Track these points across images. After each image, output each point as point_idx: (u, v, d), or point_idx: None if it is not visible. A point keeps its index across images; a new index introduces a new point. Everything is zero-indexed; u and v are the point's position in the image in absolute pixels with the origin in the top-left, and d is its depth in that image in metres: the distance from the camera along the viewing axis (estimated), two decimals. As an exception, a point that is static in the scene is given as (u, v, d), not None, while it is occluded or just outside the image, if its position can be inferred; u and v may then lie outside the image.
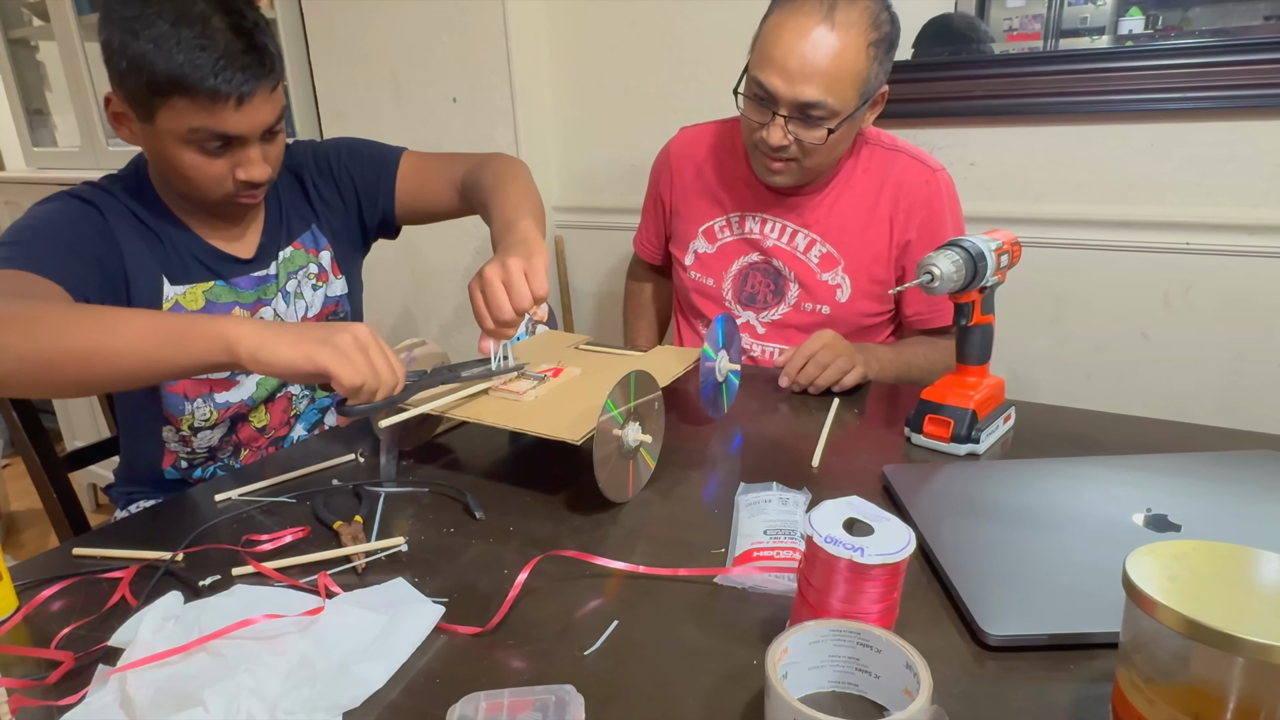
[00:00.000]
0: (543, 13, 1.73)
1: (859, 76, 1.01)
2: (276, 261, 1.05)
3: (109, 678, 0.52)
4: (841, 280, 1.17)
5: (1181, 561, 0.44)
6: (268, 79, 0.86)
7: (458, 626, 0.58)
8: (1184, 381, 1.36)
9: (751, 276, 1.23)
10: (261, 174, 0.91)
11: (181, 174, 0.89)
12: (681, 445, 0.89)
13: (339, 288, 1.12)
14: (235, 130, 0.86)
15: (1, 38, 2.29)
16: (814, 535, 0.51)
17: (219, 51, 0.81)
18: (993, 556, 0.63)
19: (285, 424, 1.09)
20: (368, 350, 0.71)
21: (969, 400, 0.85)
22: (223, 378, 1.00)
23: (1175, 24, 1.29)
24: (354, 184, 1.11)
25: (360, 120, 1.92)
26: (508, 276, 0.77)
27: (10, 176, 2.44)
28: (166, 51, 0.80)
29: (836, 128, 1.03)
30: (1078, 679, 0.52)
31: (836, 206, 1.17)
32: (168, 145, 0.87)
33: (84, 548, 0.72)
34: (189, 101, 0.82)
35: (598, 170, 1.82)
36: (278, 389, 1.05)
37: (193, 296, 0.97)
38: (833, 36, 0.99)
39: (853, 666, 0.49)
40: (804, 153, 1.07)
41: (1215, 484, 0.72)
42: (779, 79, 1.01)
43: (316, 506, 0.77)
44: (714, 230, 1.24)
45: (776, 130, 1.04)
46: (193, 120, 0.84)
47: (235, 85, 0.82)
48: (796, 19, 1.00)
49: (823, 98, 1.00)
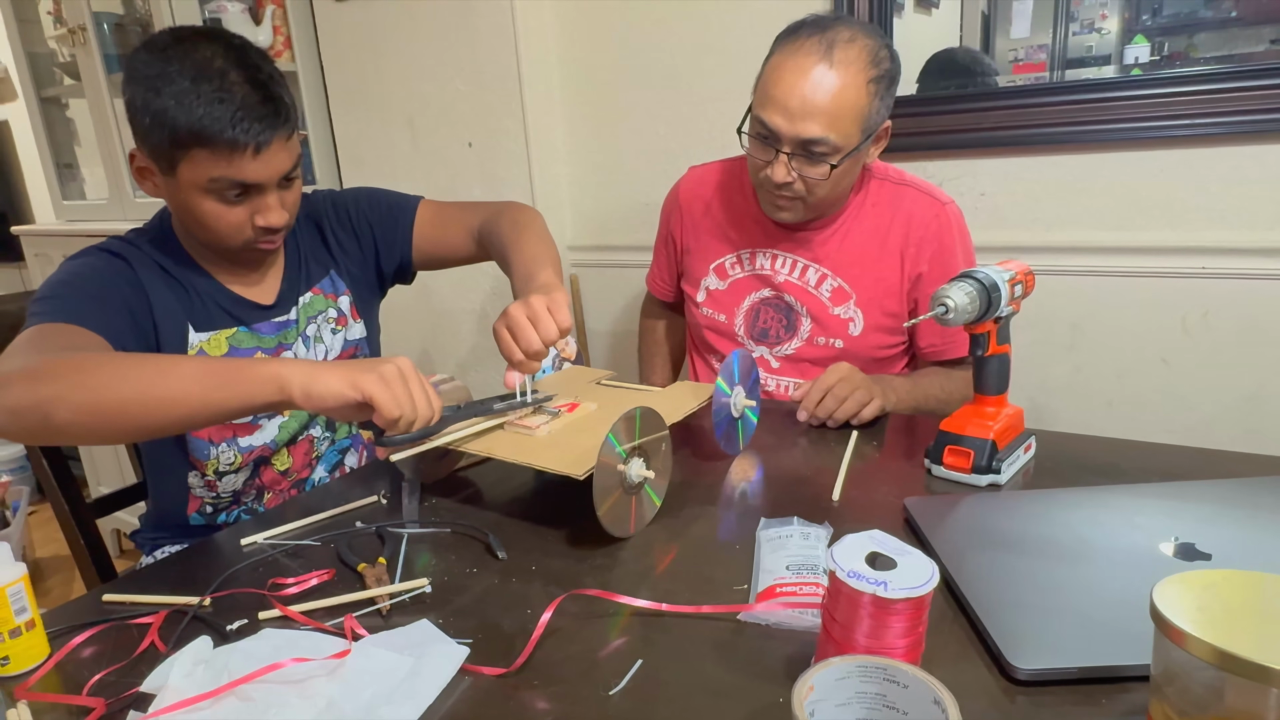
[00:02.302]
0: (555, 57, 1.78)
1: (860, 112, 1.03)
2: (297, 307, 1.07)
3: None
4: (854, 314, 1.18)
5: (1210, 591, 0.44)
6: (283, 128, 0.89)
7: (482, 668, 0.59)
8: (1207, 407, 1.34)
9: (764, 312, 1.24)
10: (279, 220, 0.93)
11: (203, 223, 0.92)
12: (700, 480, 0.89)
13: (358, 331, 1.14)
14: (253, 178, 0.88)
15: (35, 96, 2.38)
16: (837, 570, 0.51)
17: (236, 104, 0.84)
18: (1018, 588, 0.62)
19: (307, 465, 1.10)
20: (409, 381, 0.74)
21: (988, 430, 0.84)
22: (245, 422, 1.01)
23: (1181, 51, 1.30)
24: (372, 232, 1.14)
25: (378, 166, 1.97)
26: (533, 312, 0.80)
27: (41, 229, 2.50)
28: (187, 106, 0.83)
29: (839, 163, 1.05)
30: (1110, 713, 0.51)
31: (846, 241, 1.18)
32: (189, 196, 0.89)
33: (113, 594, 0.73)
34: (209, 153, 0.85)
35: (611, 210, 1.85)
36: (299, 432, 1.07)
37: (216, 342, 0.99)
38: (832, 74, 1.01)
39: (880, 703, 0.49)
40: (809, 189, 1.08)
41: (1244, 511, 0.71)
42: (780, 117, 1.03)
43: (341, 549, 0.78)
44: (725, 267, 1.26)
45: (780, 168, 1.06)
46: (213, 170, 0.87)
47: (253, 135, 0.85)
48: (796, 59, 1.02)
49: (825, 134, 1.02)
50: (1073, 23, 1.36)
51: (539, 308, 0.81)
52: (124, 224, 2.05)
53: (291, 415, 1.06)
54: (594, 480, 0.71)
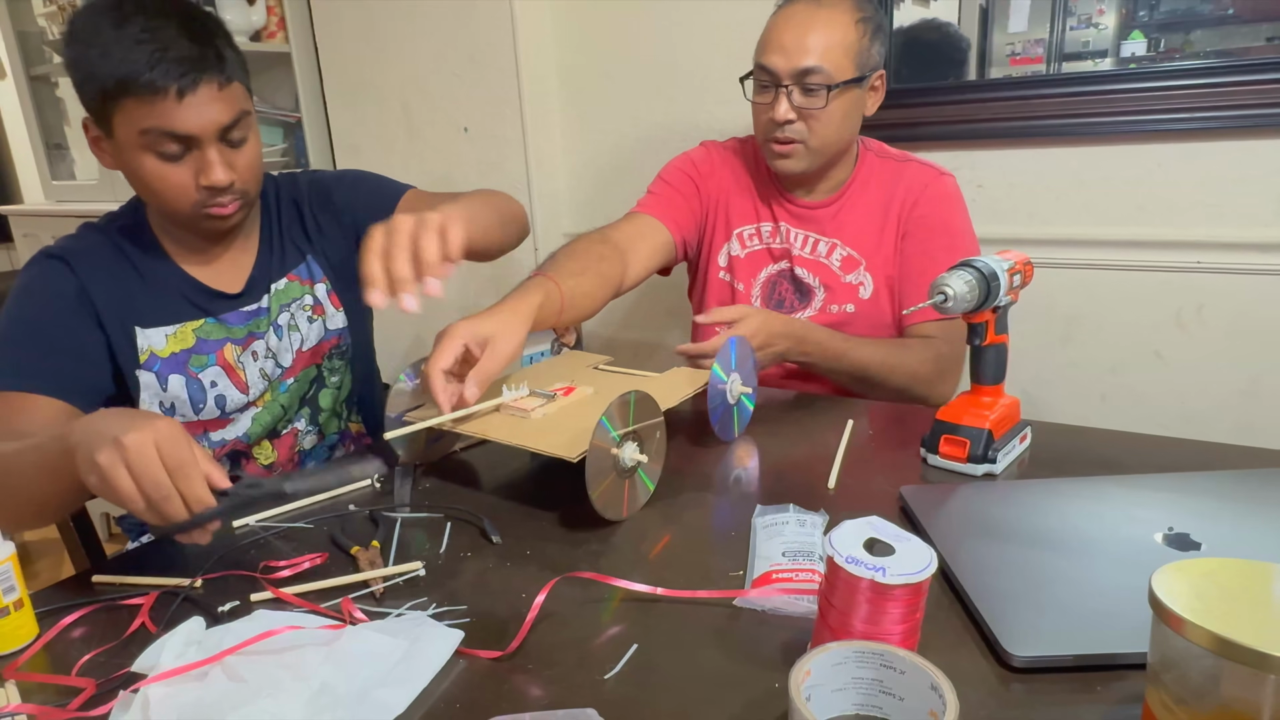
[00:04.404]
0: (553, 43, 1.77)
1: (850, 47, 1.10)
2: (268, 294, 1.03)
3: (130, 696, 0.52)
4: (864, 278, 1.21)
5: (1209, 579, 0.44)
6: (212, 73, 0.84)
7: (477, 651, 0.58)
8: (1200, 400, 1.35)
9: (780, 284, 1.27)
10: (222, 178, 0.88)
11: (149, 186, 0.88)
12: (696, 467, 0.89)
13: (339, 321, 1.09)
14: (183, 128, 0.84)
15: (24, 75, 2.35)
16: (835, 555, 0.51)
17: (155, 44, 0.81)
18: (1014, 577, 0.62)
19: (291, 460, 1.08)
20: (162, 459, 0.59)
21: (985, 420, 0.84)
22: (214, 418, 0.99)
23: (1178, 46, 1.30)
24: (354, 215, 1.09)
25: (374, 153, 1.95)
26: (419, 227, 0.73)
27: (29, 210, 2.48)
28: (109, 54, 0.81)
29: (834, 89, 1.10)
30: (1106, 700, 0.51)
31: (853, 213, 1.22)
32: (130, 156, 0.86)
33: (103, 575, 0.72)
34: (134, 101, 0.82)
35: (607, 196, 1.84)
36: (276, 425, 1.05)
37: (182, 335, 0.97)
38: (822, 13, 1.10)
39: (876, 689, 0.49)
40: (810, 129, 1.13)
41: (1236, 503, 0.72)
42: (778, 56, 1.11)
43: (334, 532, 0.77)
44: (744, 237, 1.28)
45: (782, 103, 1.11)
46: (141, 121, 0.83)
47: (173, 77, 0.81)
48: (788, 10, 1.13)
49: (819, 63, 1.09)
50: (1070, 17, 1.36)
51: (432, 223, 0.72)
52: (114, 205, 2.03)
53: (264, 408, 1.03)
54: (587, 463, 0.71)
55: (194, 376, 0.97)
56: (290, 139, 2.13)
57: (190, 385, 0.97)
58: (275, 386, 1.04)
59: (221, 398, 0.99)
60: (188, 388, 0.97)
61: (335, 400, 1.12)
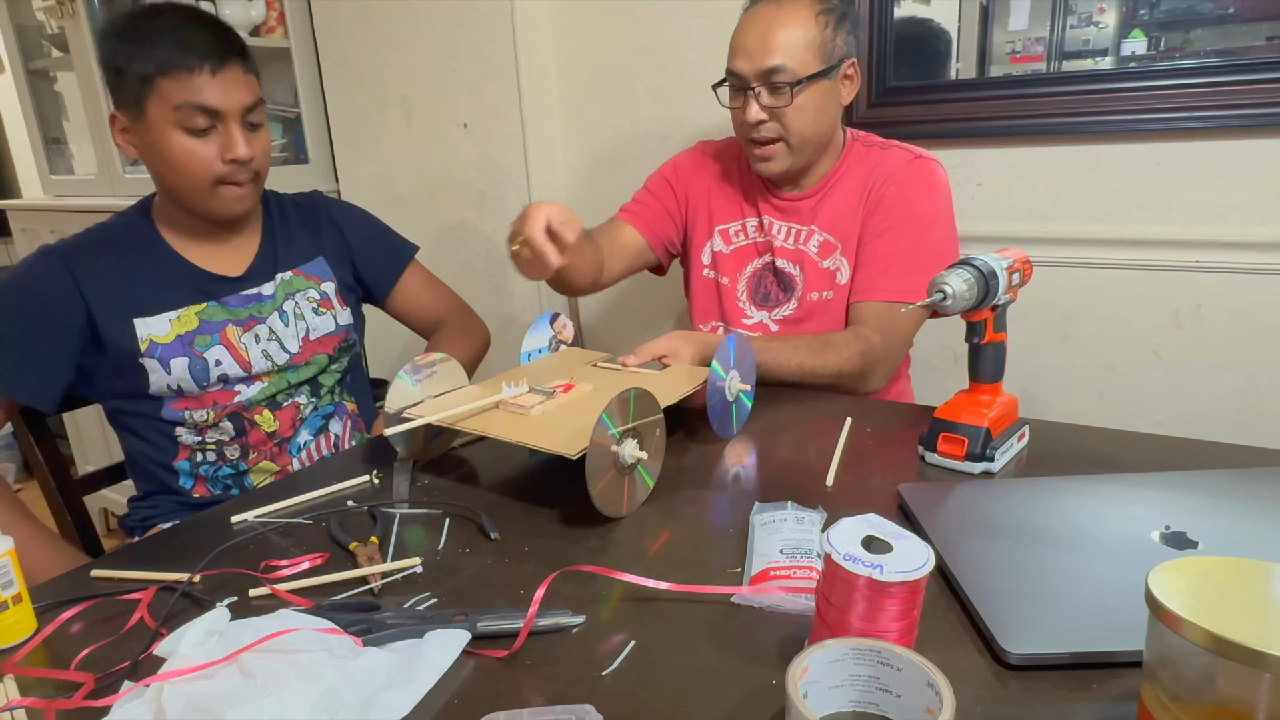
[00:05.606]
0: (552, 39, 1.76)
1: (811, 40, 1.11)
2: (274, 283, 1.11)
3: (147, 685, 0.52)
4: (840, 263, 1.21)
5: (1205, 578, 0.44)
6: (238, 57, 0.99)
7: (482, 651, 0.58)
8: (1197, 399, 1.35)
9: (765, 278, 1.28)
10: (246, 152, 0.99)
11: (174, 162, 0.98)
12: (695, 464, 0.89)
13: (346, 318, 1.18)
14: (213, 102, 0.96)
15: (22, 69, 2.34)
16: (833, 552, 0.51)
17: (190, 32, 0.96)
18: (1011, 575, 0.63)
19: (291, 428, 1.13)
20: None
21: (983, 418, 0.85)
22: (219, 389, 1.06)
23: (1178, 45, 1.30)
24: (364, 251, 1.23)
25: (371, 147, 1.95)
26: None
27: (28, 204, 2.47)
28: (148, 40, 0.95)
29: (797, 85, 1.11)
30: (1101, 698, 0.51)
31: (833, 200, 1.22)
32: (161, 136, 0.97)
33: (102, 569, 0.72)
34: (170, 80, 0.95)
35: (606, 193, 1.83)
36: (278, 394, 1.11)
37: (186, 319, 1.04)
38: (781, 12, 1.12)
39: (873, 686, 0.49)
40: (785, 127, 1.14)
41: (1233, 501, 0.72)
42: (742, 59, 1.13)
43: (332, 528, 0.77)
44: (729, 233, 1.29)
45: (752, 106, 1.13)
46: (175, 96, 0.95)
47: (207, 56, 0.95)
48: (751, 13, 1.15)
49: (782, 61, 1.10)
50: (1070, 16, 1.36)
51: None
52: (113, 200, 2.03)
53: (270, 382, 1.10)
54: (587, 460, 0.71)
55: (198, 355, 1.04)
56: (290, 134, 2.12)
57: (194, 364, 1.04)
58: (284, 370, 1.11)
59: (225, 375, 1.06)
60: (191, 366, 1.03)
61: (335, 381, 1.20)
